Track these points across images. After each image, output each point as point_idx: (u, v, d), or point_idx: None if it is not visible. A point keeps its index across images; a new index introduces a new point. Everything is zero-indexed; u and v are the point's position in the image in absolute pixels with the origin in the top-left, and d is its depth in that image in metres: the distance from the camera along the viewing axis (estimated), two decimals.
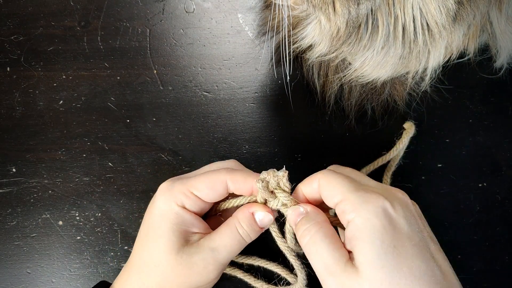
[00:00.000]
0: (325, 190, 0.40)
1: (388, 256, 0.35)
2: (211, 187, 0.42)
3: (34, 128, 0.54)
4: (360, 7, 0.40)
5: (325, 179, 0.40)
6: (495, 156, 0.52)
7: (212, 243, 0.42)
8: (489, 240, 0.50)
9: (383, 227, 0.36)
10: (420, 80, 0.51)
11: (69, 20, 0.58)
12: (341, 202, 0.38)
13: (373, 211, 0.36)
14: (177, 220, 0.42)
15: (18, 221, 0.51)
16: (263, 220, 0.43)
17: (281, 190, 0.42)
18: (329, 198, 0.39)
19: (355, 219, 0.37)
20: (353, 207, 0.37)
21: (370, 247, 0.35)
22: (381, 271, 0.35)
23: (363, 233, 0.36)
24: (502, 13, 0.46)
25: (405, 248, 0.36)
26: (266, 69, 0.56)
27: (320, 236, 0.38)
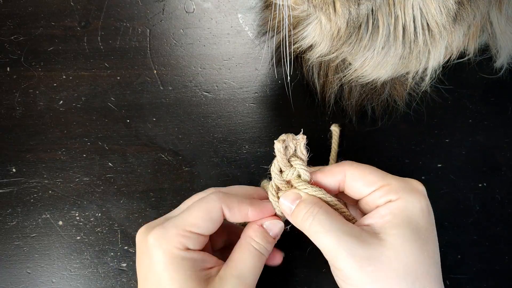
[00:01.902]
0: (358, 180, 0.40)
1: (420, 235, 0.37)
2: (208, 218, 0.39)
3: (34, 128, 0.54)
4: (360, 7, 0.40)
5: (357, 170, 0.40)
6: (495, 156, 0.52)
7: (234, 271, 0.39)
8: (489, 240, 0.50)
9: (422, 211, 0.38)
10: (420, 80, 0.51)
11: (69, 20, 0.58)
12: (381, 187, 0.39)
13: (417, 196, 0.38)
14: (187, 265, 0.38)
15: (18, 221, 0.51)
16: (272, 229, 0.41)
17: (297, 157, 0.41)
18: (364, 187, 0.40)
19: (399, 200, 0.38)
20: (397, 190, 0.38)
21: (407, 224, 0.37)
22: (411, 246, 0.36)
23: (404, 212, 0.37)
24: (502, 13, 0.46)
25: (432, 235, 0.39)
26: (266, 69, 0.56)
27: (324, 213, 0.38)
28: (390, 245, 0.36)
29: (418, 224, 0.37)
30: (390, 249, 0.36)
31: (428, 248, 0.37)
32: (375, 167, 0.41)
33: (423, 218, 0.38)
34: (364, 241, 0.36)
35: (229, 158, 0.53)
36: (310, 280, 0.49)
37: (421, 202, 0.38)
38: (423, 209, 0.38)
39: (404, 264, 0.36)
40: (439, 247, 0.40)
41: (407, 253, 0.36)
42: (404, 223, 0.37)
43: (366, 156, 0.52)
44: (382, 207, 0.38)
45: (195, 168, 0.52)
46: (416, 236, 0.37)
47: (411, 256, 0.36)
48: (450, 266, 0.49)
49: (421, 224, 0.38)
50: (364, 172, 0.40)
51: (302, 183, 0.41)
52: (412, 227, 0.37)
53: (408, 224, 0.37)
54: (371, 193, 0.39)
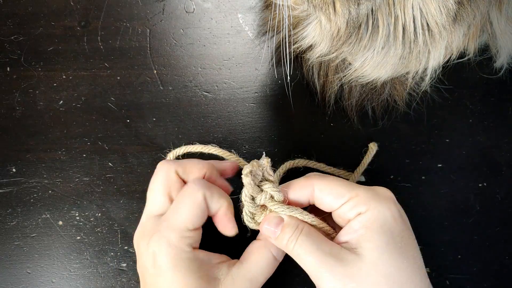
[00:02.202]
0: (327, 194, 0.40)
1: (396, 244, 0.37)
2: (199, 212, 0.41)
3: (34, 128, 0.54)
4: (360, 7, 0.40)
5: (324, 183, 0.40)
6: (495, 156, 0.52)
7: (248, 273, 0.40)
8: (489, 240, 0.50)
9: (393, 218, 0.38)
10: (420, 80, 0.51)
11: (69, 20, 0.58)
12: (350, 199, 0.39)
13: (386, 204, 0.38)
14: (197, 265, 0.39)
15: (18, 221, 0.51)
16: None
17: (266, 180, 0.41)
18: (333, 200, 0.40)
19: (368, 211, 0.38)
20: (365, 201, 0.38)
21: (381, 235, 0.37)
22: (389, 256, 0.36)
23: (375, 223, 0.37)
24: (502, 13, 0.46)
25: (410, 240, 0.39)
26: (266, 69, 0.56)
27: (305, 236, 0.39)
28: (368, 259, 0.36)
29: (392, 232, 0.37)
30: (369, 263, 0.36)
31: (407, 255, 0.37)
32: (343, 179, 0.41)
33: (396, 225, 0.38)
34: (343, 259, 0.37)
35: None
36: (310, 280, 0.49)
37: (391, 209, 0.38)
38: (394, 215, 0.38)
39: (385, 275, 0.36)
40: (439, 247, 0.40)
41: (386, 264, 0.36)
42: (378, 234, 0.37)
43: None
44: (354, 221, 0.38)
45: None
46: (392, 245, 0.37)
47: (391, 267, 0.36)
48: (450, 266, 0.49)
49: (395, 231, 0.38)
50: (332, 185, 0.40)
51: (277, 205, 0.41)
52: (386, 236, 0.37)
53: (382, 234, 0.37)
54: (341, 206, 0.39)
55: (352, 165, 0.52)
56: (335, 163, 0.52)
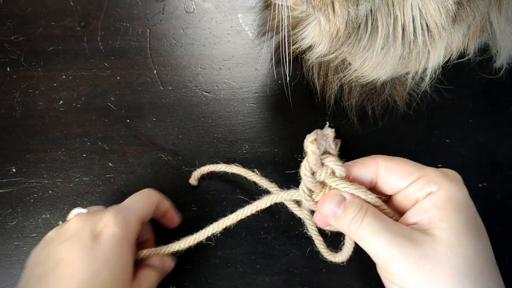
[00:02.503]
0: (393, 172, 0.38)
1: (472, 225, 0.35)
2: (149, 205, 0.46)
3: (34, 128, 0.54)
4: (359, 8, 0.40)
5: (390, 162, 0.39)
6: (495, 156, 0.52)
7: None
8: (489, 240, 0.50)
9: (465, 198, 0.36)
10: (420, 80, 0.51)
11: (69, 20, 0.58)
12: (419, 178, 0.37)
13: (457, 185, 0.36)
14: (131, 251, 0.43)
15: (18, 221, 0.51)
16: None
17: (328, 154, 0.38)
18: (400, 179, 0.38)
19: (441, 190, 0.36)
20: (435, 180, 0.36)
21: (457, 215, 0.35)
22: (466, 237, 0.34)
23: (448, 202, 0.35)
24: (502, 13, 0.46)
25: (480, 223, 0.37)
26: (266, 69, 0.56)
27: (372, 216, 0.36)
28: (445, 241, 0.34)
29: (467, 213, 0.35)
30: (445, 245, 0.34)
31: (482, 237, 0.36)
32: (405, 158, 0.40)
33: (470, 206, 0.36)
34: (416, 239, 0.34)
35: (229, 158, 0.53)
36: (310, 281, 0.49)
37: (463, 190, 0.37)
38: (466, 196, 0.36)
39: (463, 258, 0.34)
40: None
41: (464, 246, 0.34)
42: (453, 215, 0.35)
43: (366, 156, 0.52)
44: (424, 201, 0.36)
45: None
46: (469, 226, 0.35)
47: (469, 249, 0.34)
48: None
49: (470, 212, 0.36)
50: (399, 164, 0.38)
51: (339, 182, 0.38)
52: (462, 217, 0.35)
53: (457, 214, 0.35)
54: (408, 185, 0.37)
55: None
56: None
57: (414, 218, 0.36)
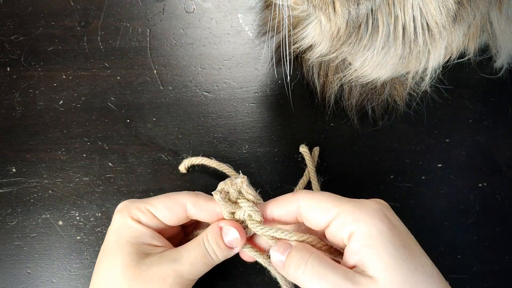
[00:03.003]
0: (313, 210, 0.38)
1: (403, 256, 0.35)
2: (168, 207, 0.41)
3: (34, 128, 0.54)
4: (360, 7, 0.40)
5: (310, 198, 0.38)
6: (495, 156, 0.52)
7: (175, 254, 0.39)
8: (489, 240, 0.50)
9: (389, 229, 0.35)
10: (420, 80, 0.51)
11: (69, 20, 0.58)
12: (337, 216, 0.36)
13: (375, 216, 0.36)
14: (134, 234, 0.40)
15: (18, 221, 0.51)
16: (228, 234, 0.40)
17: (244, 199, 0.40)
18: (320, 216, 0.37)
19: (360, 228, 0.35)
20: (353, 216, 0.36)
21: (384, 252, 0.34)
22: (400, 272, 0.34)
23: (373, 239, 0.35)
24: (502, 13, 0.46)
25: (412, 247, 0.36)
26: (266, 69, 0.56)
27: (316, 259, 0.36)
28: (382, 281, 0.34)
29: (394, 244, 0.35)
30: (383, 284, 0.34)
31: (415, 265, 0.35)
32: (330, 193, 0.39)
33: (394, 235, 0.35)
34: (358, 283, 0.34)
35: (229, 158, 0.53)
36: None
37: (382, 220, 0.36)
38: (388, 226, 0.36)
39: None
40: (439, 247, 0.40)
41: (400, 281, 0.34)
42: (381, 250, 0.35)
43: (366, 156, 0.52)
44: (351, 243, 0.36)
45: (195, 168, 0.52)
46: (399, 257, 0.35)
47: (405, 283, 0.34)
48: (450, 266, 0.49)
49: (396, 241, 0.35)
50: (317, 200, 0.38)
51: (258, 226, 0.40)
52: (390, 250, 0.35)
53: (384, 248, 0.35)
54: (330, 223, 0.37)
55: (352, 165, 0.52)
56: (335, 163, 0.52)
57: (351, 261, 0.36)
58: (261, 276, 0.49)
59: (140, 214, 0.41)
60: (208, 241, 0.40)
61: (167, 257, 0.39)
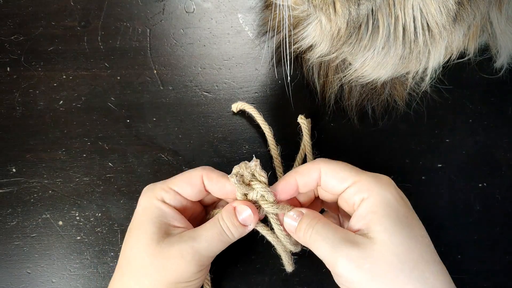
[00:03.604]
0: (332, 177, 0.42)
1: (403, 224, 0.39)
2: (187, 181, 0.44)
3: (34, 128, 0.54)
4: (360, 8, 0.40)
5: (330, 167, 0.42)
6: (495, 156, 0.52)
7: (193, 233, 0.42)
8: (489, 240, 0.50)
9: (396, 201, 0.40)
10: (420, 80, 0.51)
11: (69, 20, 0.58)
12: (353, 184, 0.41)
13: (387, 188, 0.40)
14: (157, 213, 0.43)
15: (18, 221, 0.51)
16: (242, 213, 0.43)
17: (257, 181, 0.43)
18: (337, 184, 0.42)
19: (371, 196, 0.40)
20: (368, 186, 0.40)
21: (387, 217, 0.39)
22: (397, 236, 0.38)
23: (379, 207, 0.39)
24: (502, 13, 0.46)
25: (415, 220, 0.41)
26: (266, 69, 0.56)
27: (322, 224, 0.40)
28: (379, 241, 0.38)
29: (398, 213, 0.39)
30: (380, 244, 0.38)
31: (415, 233, 0.39)
32: (349, 164, 0.43)
33: (400, 207, 0.40)
34: (357, 242, 0.38)
35: (229, 158, 0.53)
36: (310, 280, 0.49)
37: (392, 193, 0.40)
38: (397, 198, 0.40)
39: (397, 254, 0.37)
40: (439, 248, 0.40)
41: (397, 243, 0.38)
42: (384, 217, 0.39)
43: (366, 156, 0.52)
44: (360, 208, 0.40)
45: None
46: (400, 225, 0.38)
47: (401, 246, 0.38)
48: (450, 266, 0.49)
49: (400, 212, 0.39)
50: (337, 169, 0.42)
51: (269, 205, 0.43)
52: (392, 218, 0.39)
53: (388, 216, 0.39)
54: (345, 190, 0.42)
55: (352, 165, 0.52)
56: None
57: (356, 225, 0.40)
58: (261, 276, 0.49)
59: (163, 193, 0.43)
60: (223, 220, 0.43)
61: (186, 236, 0.41)
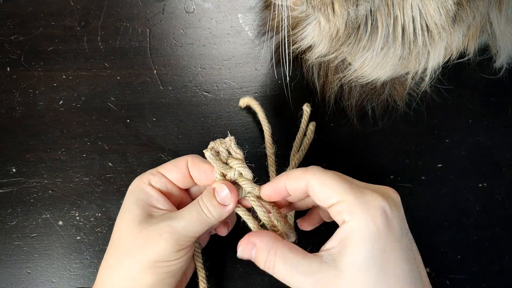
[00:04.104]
0: (318, 192, 0.39)
1: (375, 260, 0.35)
2: (174, 164, 0.44)
3: (34, 128, 0.54)
4: (359, 8, 0.40)
5: (318, 180, 0.39)
6: (495, 156, 0.52)
7: (173, 214, 0.42)
8: (489, 241, 0.50)
9: (377, 231, 0.36)
10: (420, 81, 0.51)
11: (69, 20, 0.58)
12: (337, 203, 0.37)
13: (371, 214, 0.36)
14: (142, 196, 0.43)
15: (18, 221, 0.51)
16: (220, 193, 0.42)
17: (233, 158, 0.43)
18: (323, 199, 0.38)
19: (351, 221, 0.36)
20: (350, 209, 0.36)
21: (359, 250, 0.35)
22: (366, 273, 0.35)
23: (356, 235, 0.36)
24: (502, 13, 0.46)
25: (394, 252, 0.36)
26: (266, 69, 0.56)
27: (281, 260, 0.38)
28: (346, 276, 0.35)
29: (373, 248, 0.35)
30: (346, 280, 0.35)
31: (387, 270, 0.35)
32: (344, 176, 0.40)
33: (379, 238, 0.36)
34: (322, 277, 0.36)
35: None
36: None
37: (376, 220, 0.36)
38: (379, 228, 0.36)
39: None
40: (439, 248, 0.40)
41: (363, 282, 0.35)
42: (357, 248, 0.35)
43: (366, 156, 0.52)
44: (340, 230, 0.37)
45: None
46: (371, 262, 0.35)
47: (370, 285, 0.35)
48: (450, 266, 0.49)
49: (376, 246, 0.35)
50: (326, 183, 0.38)
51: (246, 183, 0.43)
52: (365, 251, 0.35)
53: (361, 248, 0.35)
54: (331, 207, 0.38)
55: (352, 165, 0.52)
56: (335, 163, 0.52)
57: (330, 244, 0.37)
58: (261, 276, 0.49)
59: (151, 176, 0.44)
60: (202, 200, 0.42)
61: (165, 216, 0.42)
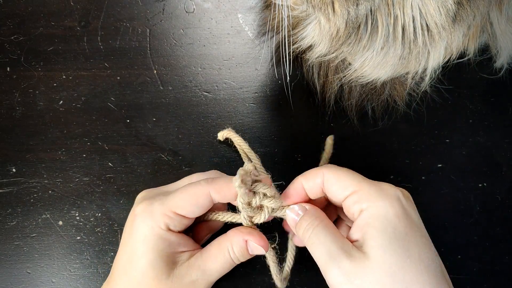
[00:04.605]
0: (333, 184, 0.41)
1: (399, 242, 0.37)
2: (194, 203, 0.41)
3: (34, 128, 0.54)
4: (359, 8, 0.40)
5: (333, 173, 0.41)
6: (495, 156, 0.52)
7: (203, 265, 0.41)
8: (489, 241, 0.50)
9: (396, 215, 0.38)
10: (420, 81, 0.51)
11: (69, 20, 0.58)
12: (354, 193, 0.39)
13: (388, 200, 0.38)
14: (163, 245, 0.41)
15: (18, 221, 0.51)
16: (253, 250, 0.43)
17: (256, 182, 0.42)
18: (339, 191, 0.40)
19: (370, 208, 0.38)
20: (368, 196, 0.39)
21: (383, 233, 0.37)
22: (392, 255, 0.36)
23: (377, 220, 0.38)
24: (502, 13, 0.46)
25: (415, 237, 0.38)
26: (266, 69, 0.56)
27: (322, 227, 0.39)
28: (373, 258, 0.36)
29: (395, 230, 0.37)
30: (373, 261, 0.36)
31: (412, 253, 0.37)
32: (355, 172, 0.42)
33: (399, 223, 0.38)
34: (352, 255, 0.37)
35: (229, 158, 0.53)
36: (310, 280, 0.49)
37: (394, 206, 0.38)
38: (398, 212, 0.38)
39: (389, 274, 0.36)
40: (439, 248, 0.40)
41: (389, 263, 0.36)
42: (380, 232, 0.37)
43: (366, 157, 0.52)
44: (359, 219, 0.39)
45: (195, 168, 0.52)
46: (396, 243, 0.37)
47: (394, 266, 0.36)
48: (450, 266, 0.49)
49: (398, 229, 0.37)
50: (340, 176, 0.41)
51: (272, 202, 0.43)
52: (388, 234, 0.37)
53: (383, 232, 0.37)
54: (346, 198, 0.40)
55: (351, 166, 0.52)
56: (335, 163, 0.51)
57: (354, 236, 0.39)
58: (261, 276, 0.49)
59: (168, 220, 0.41)
60: (234, 253, 0.42)
61: (195, 266, 0.41)
